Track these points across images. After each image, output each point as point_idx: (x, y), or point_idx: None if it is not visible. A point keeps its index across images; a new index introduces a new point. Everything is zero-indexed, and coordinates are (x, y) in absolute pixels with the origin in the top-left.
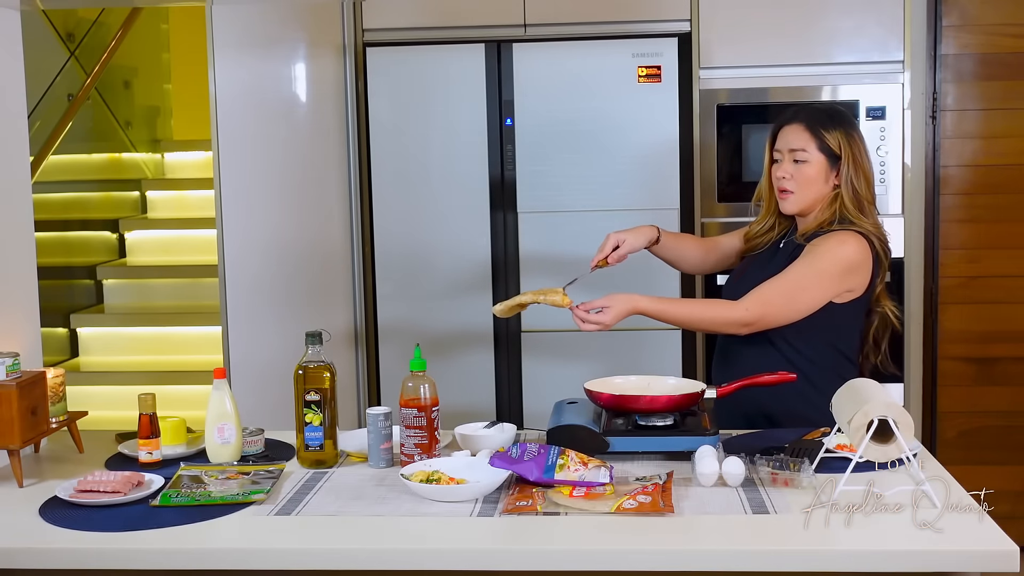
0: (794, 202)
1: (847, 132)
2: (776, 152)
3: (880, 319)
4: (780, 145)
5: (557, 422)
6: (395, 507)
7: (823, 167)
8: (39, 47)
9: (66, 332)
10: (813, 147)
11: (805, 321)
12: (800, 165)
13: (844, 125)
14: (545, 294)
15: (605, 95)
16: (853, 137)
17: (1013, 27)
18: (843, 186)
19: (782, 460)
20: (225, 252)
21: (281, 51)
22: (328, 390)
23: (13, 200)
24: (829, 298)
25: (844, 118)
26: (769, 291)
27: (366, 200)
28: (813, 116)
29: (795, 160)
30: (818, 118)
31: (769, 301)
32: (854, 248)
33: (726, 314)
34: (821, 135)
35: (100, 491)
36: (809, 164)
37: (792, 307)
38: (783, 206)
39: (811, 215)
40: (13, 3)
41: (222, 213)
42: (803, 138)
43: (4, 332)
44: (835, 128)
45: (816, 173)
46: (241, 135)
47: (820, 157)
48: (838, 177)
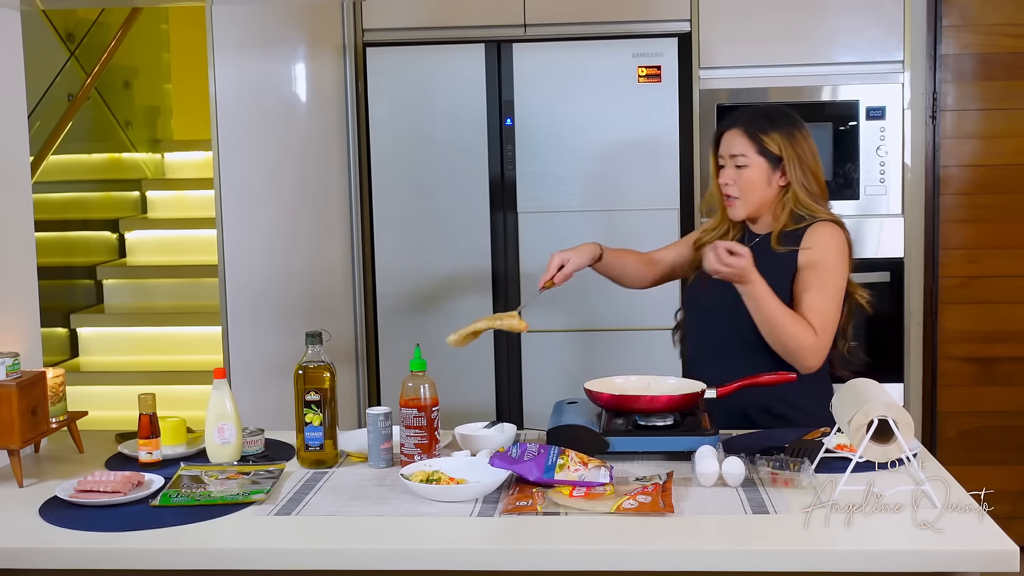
0: (740, 207)
1: (787, 132)
2: (719, 158)
3: (850, 308)
4: (722, 151)
5: (557, 422)
6: (395, 507)
7: (764, 170)
8: (39, 47)
9: (66, 332)
10: (752, 151)
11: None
12: (741, 170)
13: (784, 126)
14: (501, 319)
15: (605, 95)
16: (794, 136)
17: (1013, 27)
18: (794, 185)
19: (782, 460)
20: (225, 252)
21: (281, 51)
22: (328, 390)
23: (13, 200)
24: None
25: (784, 118)
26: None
27: (366, 200)
28: (751, 120)
29: (737, 166)
30: (756, 122)
31: (827, 317)
32: (844, 237)
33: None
34: (759, 139)
35: (100, 491)
36: (750, 169)
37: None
38: (731, 212)
39: (764, 218)
40: (13, 3)
41: (222, 213)
42: (742, 143)
43: (4, 332)
44: (773, 130)
45: (758, 177)
46: (241, 135)
47: (760, 161)
48: (784, 178)
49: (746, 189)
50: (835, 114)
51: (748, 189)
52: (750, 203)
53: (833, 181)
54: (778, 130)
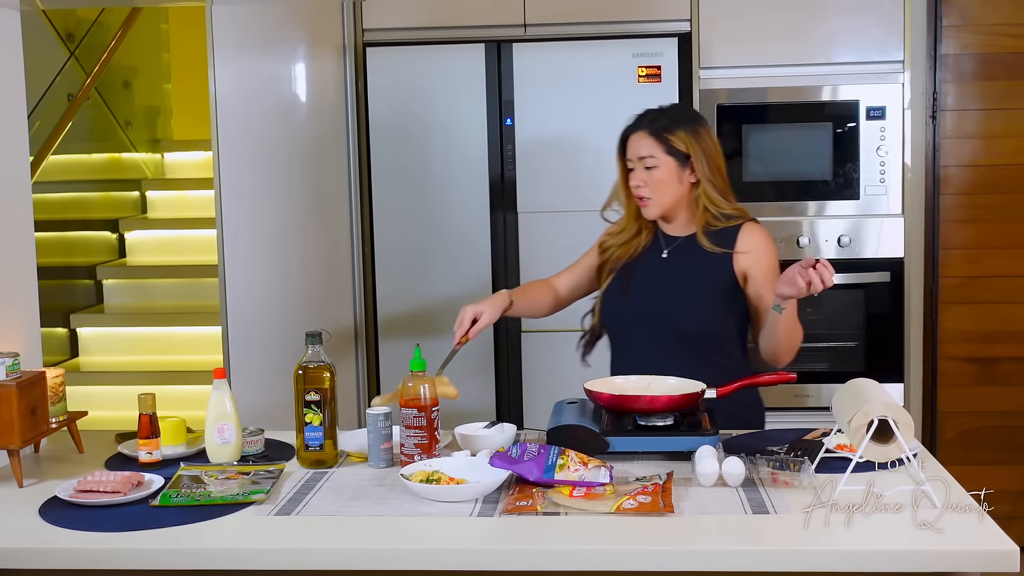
0: (654, 207)
1: (691, 130)
2: (628, 161)
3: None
4: (630, 154)
5: (557, 422)
6: (395, 507)
7: (674, 169)
8: (39, 47)
9: (66, 332)
10: (660, 151)
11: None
12: (652, 171)
13: (688, 123)
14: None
15: (605, 95)
16: (699, 133)
17: (1013, 27)
18: (703, 182)
19: (782, 460)
20: (225, 252)
21: (281, 51)
22: (328, 390)
23: (13, 200)
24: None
25: (687, 116)
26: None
27: (366, 200)
28: (656, 121)
29: (646, 167)
30: (660, 122)
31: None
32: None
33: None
34: (666, 139)
35: (100, 491)
36: (659, 169)
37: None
38: (645, 212)
39: (678, 217)
40: (13, 3)
41: (222, 213)
42: (649, 144)
43: (4, 332)
44: (678, 128)
45: (668, 176)
46: (241, 135)
47: (669, 160)
48: (693, 175)
49: (658, 189)
50: (835, 114)
51: (660, 189)
52: (664, 202)
53: (833, 181)
54: (683, 128)
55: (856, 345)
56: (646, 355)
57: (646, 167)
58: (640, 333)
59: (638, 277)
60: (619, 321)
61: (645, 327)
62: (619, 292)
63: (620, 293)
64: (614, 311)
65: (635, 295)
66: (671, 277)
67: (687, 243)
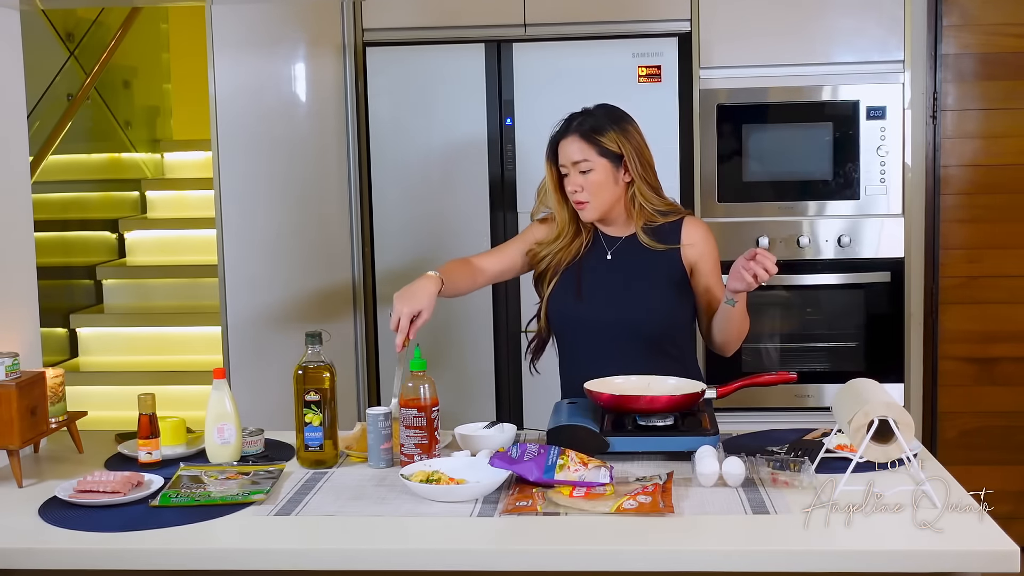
0: (593, 210)
1: (621, 129)
2: (561, 167)
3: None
4: (563, 160)
5: (557, 422)
6: (395, 507)
7: (609, 170)
8: (39, 47)
9: (66, 332)
10: (594, 154)
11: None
12: (587, 175)
13: (616, 123)
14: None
15: (605, 95)
16: (628, 131)
17: (1013, 27)
18: (636, 180)
19: (782, 460)
20: (225, 252)
21: (281, 51)
22: (328, 390)
23: (13, 200)
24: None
25: (615, 116)
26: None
27: (366, 200)
28: (584, 124)
29: (581, 171)
30: (590, 125)
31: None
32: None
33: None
34: (597, 141)
35: (100, 491)
36: (595, 171)
37: None
38: (584, 216)
39: (616, 219)
40: (13, 3)
41: (222, 213)
42: (581, 148)
43: (4, 332)
44: (608, 130)
45: (604, 178)
46: (241, 135)
47: (603, 162)
48: (627, 174)
49: (595, 192)
50: (835, 114)
51: (597, 192)
52: (602, 204)
53: (833, 181)
54: (612, 128)
55: (856, 345)
56: (601, 355)
57: (581, 171)
58: (595, 334)
59: (587, 280)
60: (571, 324)
61: (600, 328)
62: (571, 295)
63: (572, 295)
64: (565, 314)
65: (588, 296)
66: (621, 277)
67: (629, 243)
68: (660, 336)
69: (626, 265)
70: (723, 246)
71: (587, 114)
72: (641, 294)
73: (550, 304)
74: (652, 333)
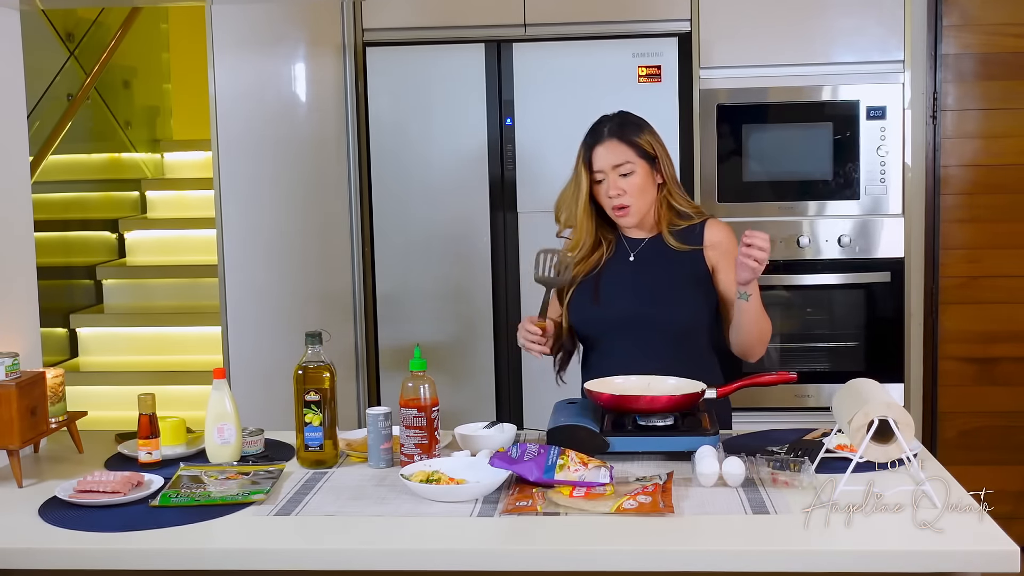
0: (634, 213)
1: (651, 132)
2: (598, 173)
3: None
4: (601, 165)
5: (557, 422)
6: (395, 507)
7: (647, 172)
8: (39, 47)
9: (66, 332)
10: (634, 156)
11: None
12: (629, 177)
13: (645, 126)
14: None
15: (605, 95)
16: (655, 134)
17: (1013, 27)
18: (669, 181)
19: (782, 460)
20: (225, 252)
21: (281, 51)
22: (328, 390)
23: (13, 200)
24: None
25: (640, 120)
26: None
27: (366, 200)
28: (620, 128)
29: (622, 174)
30: (626, 128)
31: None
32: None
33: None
34: (636, 143)
35: (100, 491)
36: (636, 174)
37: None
38: (625, 222)
39: (644, 221)
40: (13, 3)
41: (222, 213)
42: (622, 151)
43: (4, 332)
44: (641, 132)
45: (644, 180)
46: (241, 135)
47: (643, 163)
48: (659, 176)
49: (637, 194)
50: (835, 114)
51: (639, 194)
52: (643, 206)
53: (833, 181)
54: (645, 131)
55: (856, 345)
56: (624, 356)
57: (622, 174)
58: (617, 336)
59: (608, 283)
60: (592, 326)
61: (622, 329)
62: (588, 299)
63: (590, 299)
64: (584, 317)
65: (608, 299)
66: (644, 278)
67: (653, 244)
68: (681, 336)
69: (648, 266)
70: None
71: (619, 117)
72: (662, 294)
73: (569, 310)
74: (673, 332)
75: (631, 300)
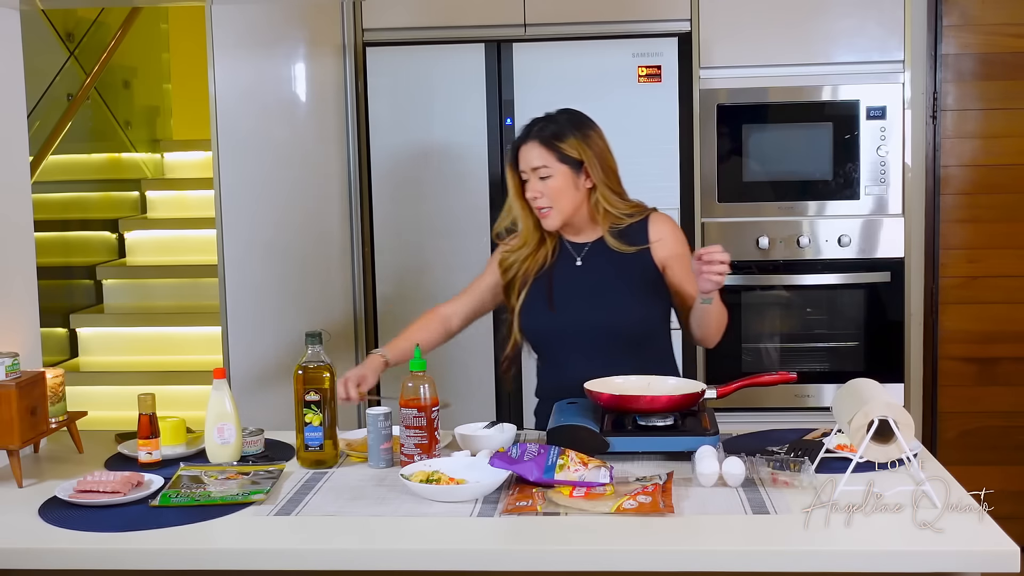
0: (555, 216)
1: (581, 135)
2: (521, 173)
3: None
4: (523, 166)
5: (557, 422)
6: (395, 507)
7: (569, 176)
8: (39, 47)
9: (66, 332)
10: (553, 160)
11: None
12: (547, 181)
13: (578, 129)
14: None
15: (605, 95)
16: (589, 137)
17: (1013, 27)
18: (599, 186)
19: (782, 460)
20: (225, 252)
21: (281, 51)
22: (328, 390)
23: (13, 200)
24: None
25: (575, 122)
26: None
27: (366, 200)
28: (545, 130)
29: (541, 177)
30: (551, 131)
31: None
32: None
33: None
34: (557, 147)
35: (100, 491)
36: (554, 178)
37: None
38: (546, 223)
39: (578, 225)
40: (13, 3)
41: (222, 213)
42: (540, 154)
43: (4, 332)
44: (568, 136)
45: (564, 184)
46: (241, 135)
47: (563, 168)
48: (589, 180)
49: (556, 198)
50: (835, 114)
51: (558, 197)
52: (563, 210)
53: (833, 181)
54: (573, 135)
55: (856, 345)
56: (580, 362)
57: (540, 177)
58: (573, 341)
59: (560, 288)
60: (546, 333)
61: (576, 336)
62: (543, 304)
63: (544, 305)
64: (538, 324)
65: (562, 305)
66: (592, 283)
67: (597, 247)
68: (638, 337)
69: (597, 270)
70: (723, 246)
71: (548, 120)
72: (615, 298)
73: (522, 317)
74: (629, 335)
75: (579, 308)
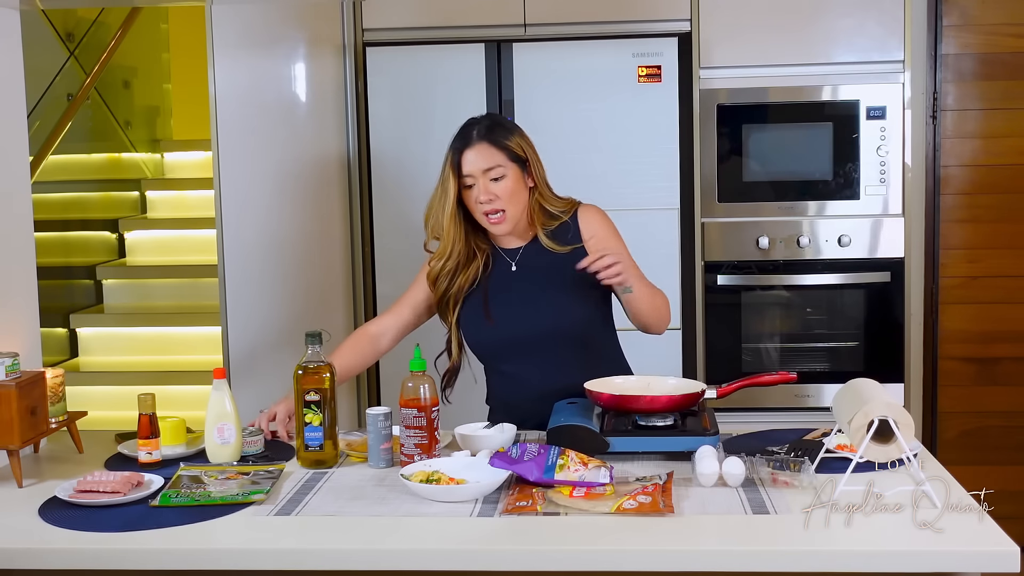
0: (509, 219)
1: (520, 134)
2: (467, 178)
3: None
4: (471, 169)
5: (557, 422)
6: (395, 507)
7: (519, 176)
8: (39, 47)
9: (66, 332)
10: (505, 159)
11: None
12: (500, 182)
13: (515, 129)
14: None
15: (605, 95)
16: (525, 137)
17: (1013, 27)
18: (539, 184)
19: (782, 460)
20: (225, 252)
21: (281, 51)
22: (328, 390)
23: (13, 200)
24: None
25: (508, 123)
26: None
27: (366, 200)
28: (489, 131)
29: (493, 178)
30: (495, 131)
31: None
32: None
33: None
34: (506, 146)
35: (100, 491)
36: (508, 178)
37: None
38: (498, 229)
39: (519, 225)
40: (13, 3)
41: (222, 213)
42: (493, 155)
43: (4, 332)
44: (511, 135)
45: (516, 184)
46: (241, 135)
47: (514, 167)
48: (531, 178)
49: (510, 199)
50: (835, 114)
51: (511, 198)
52: (516, 211)
53: (833, 181)
54: (515, 134)
55: (856, 345)
56: (527, 367)
57: (493, 178)
58: (515, 349)
59: (496, 298)
60: (488, 345)
61: (519, 343)
62: (480, 318)
63: (482, 318)
64: (479, 337)
65: (500, 316)
66: (529, 288)
67: (531, 250)
68: (581, 337)
69: (533, 274)
70: (723, 246)
71: (487, 120)
72: (553, 300)
73: (461, 331)
74: (572, 336)
75: (522, 313)
